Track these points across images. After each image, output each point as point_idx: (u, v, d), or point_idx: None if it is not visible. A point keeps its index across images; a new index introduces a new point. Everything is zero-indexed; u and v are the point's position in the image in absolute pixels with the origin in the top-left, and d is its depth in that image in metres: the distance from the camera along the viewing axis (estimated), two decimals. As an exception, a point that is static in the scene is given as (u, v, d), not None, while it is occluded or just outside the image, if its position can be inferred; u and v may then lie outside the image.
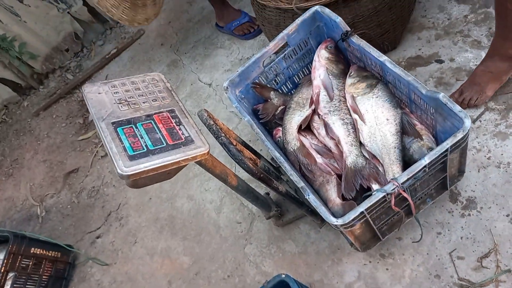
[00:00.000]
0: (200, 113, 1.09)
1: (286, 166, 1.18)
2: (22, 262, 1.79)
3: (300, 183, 1.14)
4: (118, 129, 0.87)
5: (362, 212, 1.03)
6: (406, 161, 1.24)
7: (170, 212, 1.95)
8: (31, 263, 1.83)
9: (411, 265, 1.38)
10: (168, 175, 0.89)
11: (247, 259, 1.66)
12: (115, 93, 0.95)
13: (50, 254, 1.93)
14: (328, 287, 1.47)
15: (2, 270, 1.69)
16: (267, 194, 1.61)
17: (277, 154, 1.22)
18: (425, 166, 1.02)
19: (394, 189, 1.02)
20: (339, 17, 1.31)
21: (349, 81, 1.35)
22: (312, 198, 1.08)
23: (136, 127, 0.88)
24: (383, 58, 1.21)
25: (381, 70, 1.29)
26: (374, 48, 1.24)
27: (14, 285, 1.76)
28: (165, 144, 0.86)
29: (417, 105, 1.23)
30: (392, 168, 1.20)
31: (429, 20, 1.85)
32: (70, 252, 2.02)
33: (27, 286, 1.81)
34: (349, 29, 1.30)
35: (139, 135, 0.87)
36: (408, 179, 1.03)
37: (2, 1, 2.51)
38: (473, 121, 1.50)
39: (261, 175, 1.04)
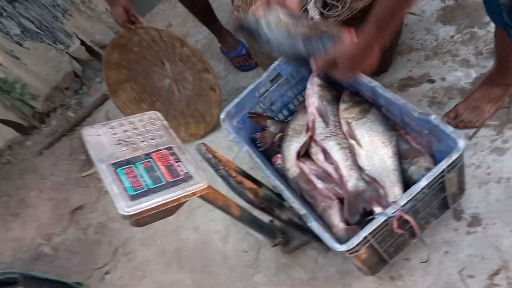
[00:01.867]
0: (198, 147, 1.11)
1: (287, 194, 1.19)
2: (31, 304, 1.78)
3: (302, 211, 1.15)
4: (118, 170, 0.89)
5: (365, 237, 1.03)
6: (406, 183, 1.25)
7: (176, 245, 1.95)
8: (39, 305, 1.82)
9: (422, 286, 1.37)
10: (170, 212, 0.90)
11: (256, 289, 1.64)
12: (114, 134, 0.97)
13: (58, 294, 1.92)
14: (339, 313, 1.45)
15: (10, 314, 1.68)
16: (271, 221, 1.61)
17: (277, 183, 1.23)
18: (423, 188, 1.03)
19: (395, 212, 1.02)
20: (328, 47, 1.34)
21: (342, 106, 1.37)
22: (314, 225, 1.08)
23: (136, 167, 0.90)
24: (373, 83, 1.24)
25: (373, 95, 1.31)
26: (365, 75, 1.26)
27: (23, 329, 1.74)
28: (165, 182, 0.88)
29: (411, 127, 1.25)
30: (393, 190, 1.21)
31: (417, 42, 1.89)
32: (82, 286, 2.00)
33: (36, 328, 1.79)
34: (339, 57, 1.33)
35: (139, 174, 0.89)
36: (408, 201, 1.03)
37: (2, 45, 2.60)
38: (469, 138, 1.51)
39: (262, 205, 1.05)
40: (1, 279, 1.79)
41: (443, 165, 1.02)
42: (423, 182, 1.02)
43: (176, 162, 0.93)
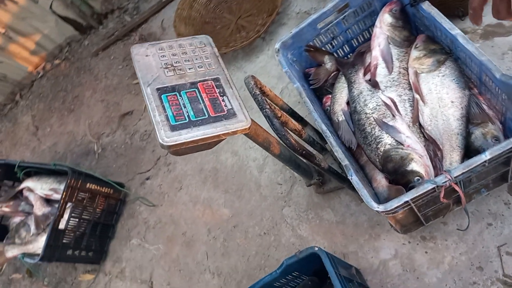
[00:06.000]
0: (247, 81, 1.05)
1: (332, 141, 1.14)
2: (79, 195, 1.96)
3: (345, 161, 1.10)
4: (162, 96, 0.86)
5: (407, 201, 0.98)
6: (467, 147, 1.14)
7: (214, 165, 2.00)
8: (86, 197, 2.00)
9: (453, 252, 1.33)
10: (209, 146, 0.89)
11: (284, 221, 1.69)
12: (162, 57, 0.93)
13: (103, 190, 2.09)
14: (362, 260, 1.47)
15: (62, 201, 1.86)
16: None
17: (323, 127, 1.16)
18: (485, 161, 0.93)
19: (445, 182, 0.94)
20: (411, -21, 1.16)
21: (414, 54, 1.22)
22: (354, 179, 1.04)
23: (180, 95, 0.87)
24: (455, 31, 1.07)
25: (452, 44, 1.15)
26: (446, 19, 1.10)
27: (72, 214, 1.94)
28: (207, 116, 0.85)
29: (488, 87, 1.10)
30: (452, 155, 1.11)
31: (520, -18, 1.59)
32: (121, 190, 2.16)
33: (83, 216, 1.99)
34: (421, -7, 1.15)
35: (182, 104, 0.86)
36: (463, 173, 0.95)
37: None
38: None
39: (303, 152, 1.01)
40: (54, 169, 1.96)
41: (514, 140, 0.90)
42: (486, 156, 0.92)
43: (221, 96, 0.88)
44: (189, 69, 0.92)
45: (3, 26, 2.66)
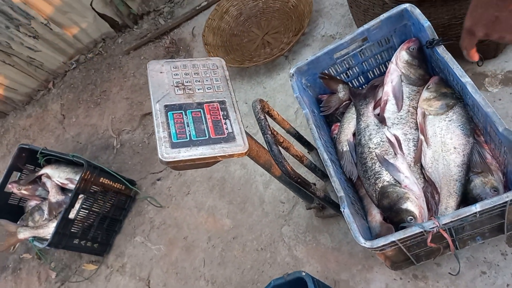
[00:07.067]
0: (254, 104, 1.10)
1: (331, 171, 1.16)
2: (92, 188, 2.05)
3: (340, 192, 1.12)
4: (169, 113, 0.92)
5: (393, 241, 0.99)
6: (465, 194, 1.14)
7: (223, 175, 2.05)
8: (98, 190, 2.09)
9: (443, 295, 1.32)
10: (207, 165, 0.94)
11: (282, 239, 1.71)
12: (175, 75, 0.99)
13: (115, 186, 2.17)
14: (352, 289, 1.48)
15: (75, 191, 1.96)
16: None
17: (325, 156, 1.19)
18: (475, 213, 0.94)
19: (433, 228, 0.95)
20: (428, 22, 1.18)
21: (424, 94, 1.24)
22: (346, 213, 1.06)
23: (186, 114, 0.92)
24: (465, 79, 1.08)
25: (462, 91, 1.16)
26: (458, 65, 1.11)
27: (83, 206, 2.03)
28: (207, 137, 0.89)
29: (492, 138, 1.10)
30: (448, 200, 1.12)
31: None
32: (132, 188, 2.24)
33: (93, 208, 2.08)
34: (436, 37, 1.17)
35: (186, 122, 0.91)
36: (452, 221, 0.95)
37: None
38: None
39: (299, 180, 1.04)
40: (72, 159, 2.06)
41: (508, 196, 0.90)
42: (476, 208, 0.92)
43: (224, 119, 0.93)
44: (198, 89, 0.97)
45: (45, 17, 2.81)
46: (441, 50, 1.17)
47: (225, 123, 0.92)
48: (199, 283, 1.82)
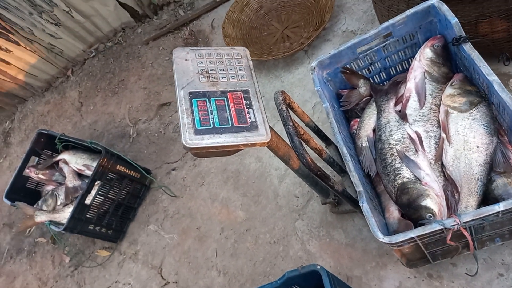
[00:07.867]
0: (276, 95, 1.10)
1: (350, 166, 1.16)
2: (108, 175, 2.08)
3: (359, 187, 1.11)
4: (193, 100, 0.92)
5: (412, 237, 0.99)
6: (487, 194, 1.13)
7: (237, 167, 2.06)
8: (115, 178, 2.12)
9: (458, 296, 1.31)
10: (228, 153, 0.94)
11: (295, 233, 1.71)
12: (200, 63, 0.99)
13: (131, 174, 2.20)
14: (365, 286, 1.47)
15: (92, 177, 1.99)
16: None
17: (344, 151, 1.19)
18: (498, 212, 0.92)
19: (454, 225, 0.94)
20: (456, 19, 1.16)
21: (448, 90, 1.22)
22: (365, 207, 1.06)
23: (210, 102, 0.93)
24: (492, 77, 1.06)
25: (487, 89, 1.14)
26: (485, 63, 1.09)
27: (99, 192, 2.06)
28: (230, 125, 0.90)
29: (517, 138, 1.08)
30: (468, 199, 1.11)
31: None
32: (148, 177, 2.27)
33: (108, 195, 2.11)
34: (463, 34, 1.15)
35: (210, 110, 0.91)
36: (473, 220, 0.94)
37: None
38: None
39: (319, 172, 1.04)
40: (90, 146, 2.09)
41: (532, 197, 0.89)
42: (499, 207, 0.91)
43: (247, 108, 0.93)
44: (222, 78, 0.98)
45: (67, 5, 2.85)
46: (468, 48, 1.15)
47: (248, 112, 0.93)
48: (211, 273, 1.84)
